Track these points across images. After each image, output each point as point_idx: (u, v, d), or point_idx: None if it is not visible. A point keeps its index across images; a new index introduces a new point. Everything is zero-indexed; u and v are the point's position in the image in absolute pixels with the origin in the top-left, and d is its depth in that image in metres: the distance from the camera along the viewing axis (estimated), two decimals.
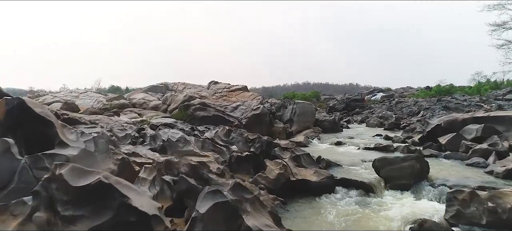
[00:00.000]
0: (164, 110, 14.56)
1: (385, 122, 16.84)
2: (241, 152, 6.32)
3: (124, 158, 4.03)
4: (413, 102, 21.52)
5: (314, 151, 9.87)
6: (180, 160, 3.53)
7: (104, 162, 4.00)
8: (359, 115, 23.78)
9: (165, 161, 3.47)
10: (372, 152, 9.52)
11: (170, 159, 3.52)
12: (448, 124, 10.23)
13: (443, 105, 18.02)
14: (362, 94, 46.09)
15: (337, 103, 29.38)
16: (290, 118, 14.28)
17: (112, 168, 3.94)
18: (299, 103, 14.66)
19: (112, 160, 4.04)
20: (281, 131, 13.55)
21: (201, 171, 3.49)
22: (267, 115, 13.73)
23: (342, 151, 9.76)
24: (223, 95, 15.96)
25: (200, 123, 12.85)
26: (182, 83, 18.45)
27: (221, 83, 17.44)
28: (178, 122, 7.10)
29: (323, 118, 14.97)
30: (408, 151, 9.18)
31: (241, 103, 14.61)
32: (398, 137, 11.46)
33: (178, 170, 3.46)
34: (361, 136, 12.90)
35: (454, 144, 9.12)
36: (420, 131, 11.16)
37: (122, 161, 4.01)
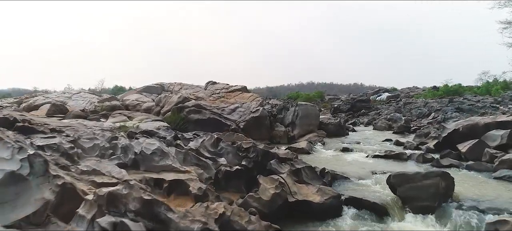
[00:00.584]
0: (157, 112, 13.62)
1: (393, 125, 15.78)
2: (231, 165, 5.33)
3: (66, 184, 3.06)
4: (422, 103, 20.40)
5: (317, 159, 8.88)
6: (130, 192, 2.55)
7: (40, 190, 3.03)
8: (365, 117, 22.71)
9: (107, 194, 2.49)
10: (382, 161, 8.50)
11: (114, 191, 2.55)
12: (468, 129, 9.17)
13: (456, 106, 16.91)
14: (368, 94, 44.98)
15: (342, 104, 28.32)
16: (292, 121, 13.28)
17: (48, 198, 2.97)
18: (301, 105, 13.65)
19: (50, 187, 3.07)
20: (282, 135, 12.55)
21: (157, 209, 2.50)
22: (267, 118, 12.74)
23: (349, 160, 8.74)
24: (221, 96, 15.00)
25: (194, 127, 11.91)
26: (179, 83, 17.50)
27: (220, 83, 16.48)
28: (161, 129, 6.13)
29: (328, 121, 13.95)
30: (423, 160, 8.16)
31: (239, 105, 13.64)
32: (410, 142, 10.42)
33: (126, 206, 2.50)
34: (368, 141, 11.87)
35: (476, 152, 8.07)
36: (435, 137, 10.11)
37: (62, 187, 3.04)
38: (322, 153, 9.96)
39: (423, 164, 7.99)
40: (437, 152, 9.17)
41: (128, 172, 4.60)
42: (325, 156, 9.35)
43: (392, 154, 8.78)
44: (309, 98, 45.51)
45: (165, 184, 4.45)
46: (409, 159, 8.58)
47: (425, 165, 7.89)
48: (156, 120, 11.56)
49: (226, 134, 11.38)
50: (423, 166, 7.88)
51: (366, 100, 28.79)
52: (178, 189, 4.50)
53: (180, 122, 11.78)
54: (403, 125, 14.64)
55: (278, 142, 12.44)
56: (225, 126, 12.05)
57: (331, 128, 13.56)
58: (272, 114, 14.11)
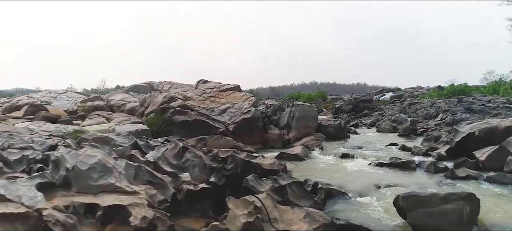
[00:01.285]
0: (141, 113, 12.54)
1: (398, 126, 14.60)
2: (196, 183, 4.22)
3: None
4: (429, 103, 19.18)
5: (312, 168, 7.76)
6: None
7: None
8: (368, 118, 21.53)
9: None
10: (387, 170, 7.37)
11: None
12: (485, 133, 8.01)
13: (466, 107, 15.71)
14: (371, 93, 43.78)
15: (344, 104, 27.12)
16: (288, 123, 12.14)
17: None
18: (298, 105, 12.50)
19: None
20: (276, 138, 11.43)
21: None
22: (260, 119, 11.62)
23: (348, 168, 7.61)
24: (212, 95, 13.91)
25: (178, 129, 10.82)
26: (169, 82, 16.46)
27: (211, 82, 15.39)
28: (120, 136, 5.04)
29: (327, 123, 12.80)
30: (435, 170, 7.02)
31: (230, 105, 12.54)
32: (418, 147, 9.26)
33: None
34: (371, 145, 10.72)
35: (497, 161, 6.93)
36: (447, 141, 8.95)
37: None
38: (319, 160, 8.82)
39: (435, 175, 6.84)
40: (450, 159, 8.02)
41: (54, 195, 3.50)
42: (321, 164, 8.22)
43: (399, 162, 7.63)
44: (310, 98, 44.44)
45: (100, 211, 3.35)
46: (418, 167, 7.43)
47: (437, 176, 6.75)
48: (136, 122, 10.48)
49: (213, 137, 10.29)
50: (435, 177, 6.73)
51: (369, 100, 27.58)
52: (118, 217, 3.40)
53: (163, 125, 10.70)
54: (409, 127, 13.47)
55: (272, 146, 11.35)
56: (213, 128, 10.96)
57: (330, 131, 12.41)
58: (267, 115, 13.00)
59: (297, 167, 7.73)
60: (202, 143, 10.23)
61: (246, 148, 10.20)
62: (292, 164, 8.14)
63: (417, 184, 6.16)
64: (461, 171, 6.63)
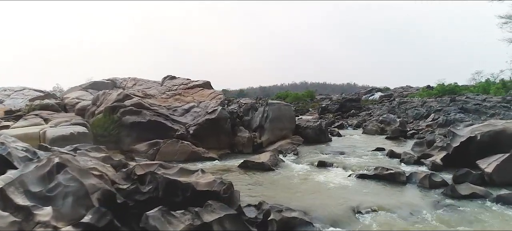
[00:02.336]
0: (92, 113, 10.84)
1: (386, 128, 13.19)
2: (57, 226, 2.63)
3: None
4: (420, 103, 17.87)
5: (278, 181, 6.23)
6: None
7: None
8: (355, 118, 20.15)
9: None
10: (371, 185, 5.89)
11: None
12: (490, 137, 6.57)
13: (459, 106, 14.40)
14: (360, 93, 42.67)
15: (330, 104, 25.75)
16: (260, 125, 10.60)
17: None
18: (272, 104, 10.96)
19: None
20: (245, 142, 9.88)
21: None
22: (227, 120, 10.05)
23: (323, 182, 6.10)
24: (178, 93, 12.28)
25: (129, 132, 9.20)
26: (133, 78, 14.77)
27: (179, 78, 13.76)
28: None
29: (306, 124, 11.28)
30: (430, 185, 5.56)
31: (196, 104, 10.95)
32: (408, 154, 7.80)
33: None
34: (355, 150, 9.25)
35: (508, 173, 5.51)
36: (443, 147, 7.51)
37: None
38: (290, 170, 7.29)
39: (430, 192, 5.37)
40: (447, 169, 6.59)
41: None
42: (291, 176, 6.69)
43: (385, 174, 6.15)
44: (298, 97, 43.15)
45: None
46: (408, 181, 5.96)
47: (434, 194, 5.28)
48: (76, 124, 8.81)
49: (168, 142, 8.70)
50: (430, 194, 5.26)
51: (357, 99, 26.24)
52: None
53: (110, 127, 9.05)
54: (398, 129, 12.06)
55: (241, 151, 9.81)
56: (171, 131, 9.35)
57: (309, 133, 10.92)
58: (239, 115, 11.44)
59: (258, 182, 6.19)
60: (155, 149, 8.65)
61: (207, 154, 8.66)
62: (255, 177, 6.61)
63: (408, 207, 4.67)
64: (463, 188, 5.16)
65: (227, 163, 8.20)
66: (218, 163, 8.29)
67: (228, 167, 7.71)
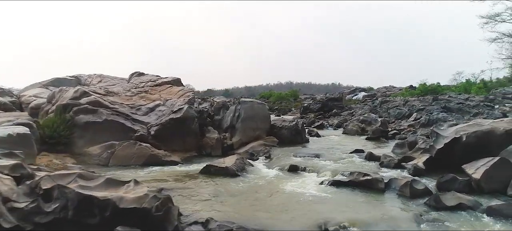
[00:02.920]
0: (46, 112, 9.82)
1: (367, 128, 12.56)
2: None
3: None
4: (402, 102, 17.39)
5: (239, 189, 5.44)
6: None
7: None
8: (336, 118, 19.54)
9: None
10: (345, 193, 5.15)
11: None
12: (476, 138, 5.94)
13: (442, 105, 13.92)
14: (344, 93, 42.41)
15: (312, 103, 25.12)
16: (231, 125, 9.78)
17: None
18: (245, 102, 10.14)
19: None
20: (214, 144, 9.04)
21: None
22: (194, 120, 9.19)
23: (290, 190, 5.33)
24: (145, 90, 11.35)
25: (82, 133, 8.24)
26: (99, 75, 13.73)
27: (148, 74, 12.83)
28: None
29: (281, 124, 10.51)
30: (411, 194, 4.88)
31: (162, 103, 10.05)
32: (388, 156, 7.11)
33: None
34: (332, 152, 8.53)
35: (498, 180, 4.85)
36: (425, 149, 6.85)
37: None
38: (257, 175, 6.50)
39: (412, 202, 4.67)
40: (430, 174, 5.91)
41: None
42: (256, 183, 5.90)
43: (362, 180, 5.43)
44: (281, 97, 42.60)
45: None
46: (387, 189, 5.25)
47: (415, 205, 4.57)
48: (20, 124, 7.78)
49: (124, 144, 7.80)
50: (411, 205, 4.56)
51: (338, 98, 25.68)
52: None
53: (61, 127, 8.07)
54: (379, 129, 11.44)
55: (209, 153, 8.97)
56: (130, 131, 8.44)
57: (284, 134, 10.15)
58: (210, 115, 10.59)
59: (218, 191, 5.37)
60: (109, 152, 7.72)
61: (169, 157, 7.79)
62: (215, 184, 5.79)
63: (385, 222, 3.94)
64: (449, 197, 4.46)
65: (190, 168, 7.36)
66: (180, 167, 7.44)
67: (189, 172, 6.87)
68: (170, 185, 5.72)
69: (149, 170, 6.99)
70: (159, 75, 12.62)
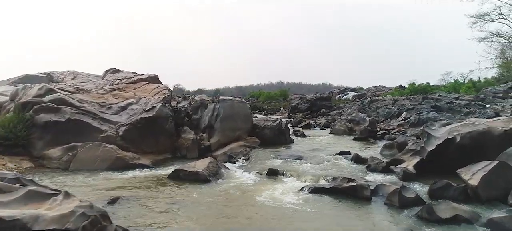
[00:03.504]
0: (8, 111, 9.01)
1: (355, 128, 12.02)
2: None
3: None
4: (391, 101, 16.92)
5: (211, 196, 4.80)
6: None
7: None
8: (324, 117, 18.99)
9: None
10: (326, 202, 4.55)
11: None
12: (472, 139, 5.39)
13: (432, 104, 13.45)
14: (334, 93, 42.00)
15: (300, 102, 24.57)
16: (210, 124, 9.10)
17: None
18: (224, 101, 9.47)
19: None
20: (190, 146, 8.36)
21: None
22: (169, 120, 8.50)
23: (264, 200, 4.69)
24: (119, 88, 10.59)
25: (42, 134, 7.50)
26: (72, 72, 12.92)
27: (123, 71, 12.07)
28: None
29: (264, 124, 9.87)
30: (401, 204, 4.30)
31: (135, 101, 9.33)
32: (376, 159, 6.53)
33: None
34: (317, 154, 7.93)
35: (497, 186, 4.29)
36: (416, 151, 6.28)
37: None
38: (231, 181, 5.86)
39: (402, 214, 4.07)
40: (421, 179, 5.34)
41: None
42: (228, 190, 5.25)
43: (345, 187, 4.83)
44: (270, 96, 42.02)
45: None
46: (374, 197, 4.66)
47: (405, 217, 3.98)
48: None
49: (87, 146, 7.08)
50: (401, 218, 3.96)
51: (327, 98, 25.17)
52: None
53: (18, 127, 7.31)
54: (367, 129, 10.89)
55: (184, 156, 8.30)
56: (96, 132, 7.71)
57: (267, 134, 9.53)
58: (188, 114, 9.89)
59: (182, 200, 4.71)
60: (70, 155, 7.00)
61: (137, 160, 7.10)
62: (182, 192, 5.13)
63: None
64: (443, 208, 3.88)
65: (160, 172, 6.67)
66: (149, 171, 6.74)
67: (157, 177, 6.19)
68: (130, 193, 5.04)
69: (111, 175, 6.29)
70: (135, 71, 11.87)
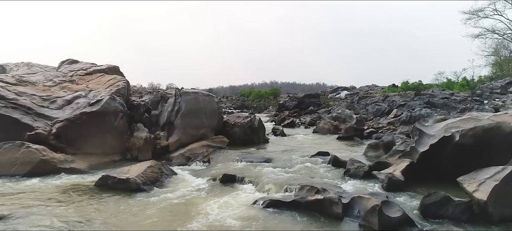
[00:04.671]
0: None
1: (341, 126, 10.87)
2: None
3: None
4: (381, 97, 15.80)
5: (138, 212, 3.54)
6: None
7: None
8: (311, 115, 17.82)
9: None
10: (282, 222, 3.34)
11: None
12: (475, 137, 4.23)
13: (425, 100, 12.36)
14: (326, 92, 40.97)
15: (288, 100, 23.40)
16: (169, 121, 7.86)
17: None
18: (187, 94, 8.21)
19: None
20: (142, 146, 7.11)
21: None
22: (118, 115, 7.24)
23: (201, 222, 3.47)
24: (71, 80, 9.30)
25: None
26: (26, 63, 11.55)
27: (81, 62, 10.76)
28: None
29: (234, 121, 8.65)
30: (381, 226, 3.06)
31: (84, 94, 8.04)
32: (357, 162, 5.34)
33: None
34: (290, 156, 6.73)
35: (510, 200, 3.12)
36: (405, 151, 5.11)
37: None
38: (173, 190, 4.62)
39: None
40: (410, 188, 4.17)
41: None
42: (163, 203, 4.02)
43: (310, 201, 3.63)
44: (260, 95, 40.88)
45: None
46: (347, 215, 3.46)
47: None
48: None
49: (6, 146, 5.82)
50: None
51: (316, 95, 24.02)
52: None
53: None
54: (353, 127, 9.75)
55: (136, 157, 7.04)
56: (25, 129, 6.41)
57: (237, 133, 8.32)
58: (148, 109, 8.63)
59: (97, 215, 3.47)
60: None
61: (70, 164, 5.86)
62: (104, 204, 3.90)
63: None
64: None
65: (93, 178, 5.39)
66: (78, 178, 5.47)
67: (82, 185, 4.93)
68: (27, 208, 3.78)
69: (24, 183, 5.02)
70: (94, 62, 10.58)
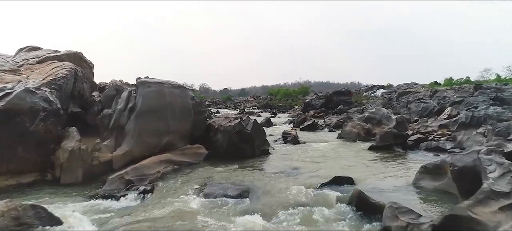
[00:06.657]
0: None
1: (375, 129, 8.03)
2: None
3: None
4: (429, 94, 12.60)
5: None
6: None
7: None
8: (338, 116, 14.91)
9: None
10: None
11: None
12: None
13: (491, 96, 9.21)
14: (360, 90, 37.56)
15: (314, 99, 20.55)
16: (117, 124, 5.45)
17: None
18: (148, 85, 5.71)
19: None
20: (66, 162, 4.73)
21: None
22: (36, 115, 4.93)
23: None
24: (14, 70, 7.21)
25: None
26: None
27: (43, 49, 8.70)
28: None
29: (219, 125, 6.09)
30: None
31: (12, 85, 5.85)
32: (405, 211, 2.63)
33: None
34: (287, 183, 4.11)
35: None
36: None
37: None
38: None
39: None
40: None
41: None
42: None
43: None
44: (288, 93, 38.21)
45: None
46: None
47: None
48: None
49: None
50: None
51: (346, 92, 20.87)
52: None
53: None
54: (392, 132, 6.88)
55: (59, 179, 4.69)
56: None
57: (219, 141, 5.75)
58: (102, 107, 6.30)
59: None
60: None
61: None
62: None
63: None
64: None
65: None
66: None
67: None
68: None
69: None
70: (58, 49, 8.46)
